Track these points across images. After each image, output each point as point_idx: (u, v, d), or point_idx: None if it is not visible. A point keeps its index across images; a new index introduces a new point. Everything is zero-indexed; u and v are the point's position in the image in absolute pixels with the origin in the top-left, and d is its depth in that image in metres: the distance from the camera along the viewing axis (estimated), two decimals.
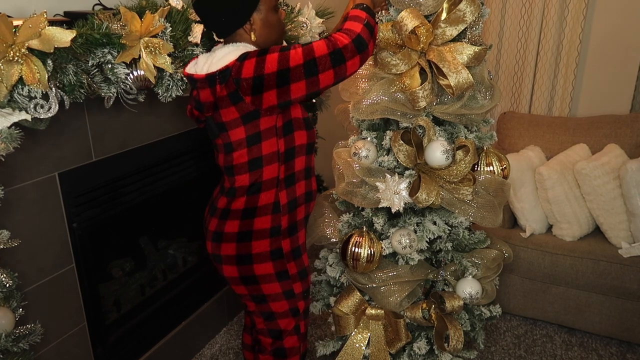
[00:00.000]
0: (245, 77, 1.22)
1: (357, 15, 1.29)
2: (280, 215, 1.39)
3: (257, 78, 1.21)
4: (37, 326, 1.34)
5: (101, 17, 1.31)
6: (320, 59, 1.21)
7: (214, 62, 1.28)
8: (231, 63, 1.24)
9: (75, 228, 1.60)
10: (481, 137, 1.65)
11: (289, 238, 1.45)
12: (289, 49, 1.24)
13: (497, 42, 2.87)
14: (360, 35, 1.25)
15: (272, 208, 1.38)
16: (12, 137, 1.16)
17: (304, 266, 1.51)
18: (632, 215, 2.20)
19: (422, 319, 1.70)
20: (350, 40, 1.23)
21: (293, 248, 1.46)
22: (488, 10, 1.55)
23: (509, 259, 1.81)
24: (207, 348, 2.27)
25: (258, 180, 1.36)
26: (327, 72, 1.23)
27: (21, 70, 1.12)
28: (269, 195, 1.37)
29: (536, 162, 2.42)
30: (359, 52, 1.24)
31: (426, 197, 1.50)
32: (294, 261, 1.47)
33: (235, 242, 1.39)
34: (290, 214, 1.43)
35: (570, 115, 2.79)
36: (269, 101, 1.25)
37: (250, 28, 1.33)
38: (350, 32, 1.25)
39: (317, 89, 1.26)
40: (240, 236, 1.38)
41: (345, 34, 1.25)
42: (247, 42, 1.35)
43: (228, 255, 1.41)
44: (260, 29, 1.34)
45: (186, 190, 2.15)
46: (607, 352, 2.21)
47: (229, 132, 1.32)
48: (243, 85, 1.23)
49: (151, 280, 2.16)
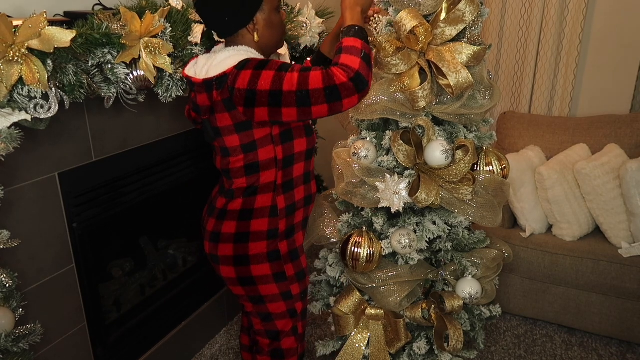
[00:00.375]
0: (239, 88, 1.20)
1: (352, 47, 1.22)
2: (277, 219, 1.39)
3: (250, 91, 1.19)
4: (37, 326, 1.34)
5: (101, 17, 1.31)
6: (314, 92, 1.17)
7: (213, 65, 1.27)
8: (229, 69, 1.22)
9: (75, 228, 1.60)
10: (481, 137, 1.65)
11: (287, 240, 1.44)
12: (287, 69, 1.20)
13: (497, 42, 2.87)
14: (360, 73, 1.18)
15: (270, 211, 1.37)
16: (12, 137, 1.16)
17: (301, 267, 1.51)
18: (632, 215, 2.19)
19: (422, 319, 1.70)
20: (348, 78, 1.17)
21: (291, 250, 1.46)
22: (487, 10, 1.55)
23: (509, 259, 1.81)
24: (207, 348, 2.28)
25: (255, 183, 1.35)
26: (321, 106, 1.19)
27: (21, 70, 1.13)
28: (266, 199, 1.37)
29: (536, 162, 2.42)
30: (358, 91, 1.19)
31: (426, 197, 1.50)
32: (291, 263, 1.46)
33: (233, 242, 1.39)
34: (288, 218, 1.42)
35: (570, 115, 2.79)
36: (260, 116, 1.23)
37: (254, 28, 1.31)
38: (349, 69, 1.18)
39: (310, 118, 1.24)
40: (237, 237, 1.38)
41: (344, 70, 1.18)
42: (249, 44, 1.33)
43: (225, 255, 1.40)
44: (263, 29, 1.32)
45: (186, 190, 2.15)
46: (607, 352, 2.21)
47: (224, 138, 1.32)
48: (236, 94, 1.21)
49: (151, 280, 2.16)
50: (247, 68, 1.20)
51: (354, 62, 1.19)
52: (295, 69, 1.20)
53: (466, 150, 1.53)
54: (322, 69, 1.19)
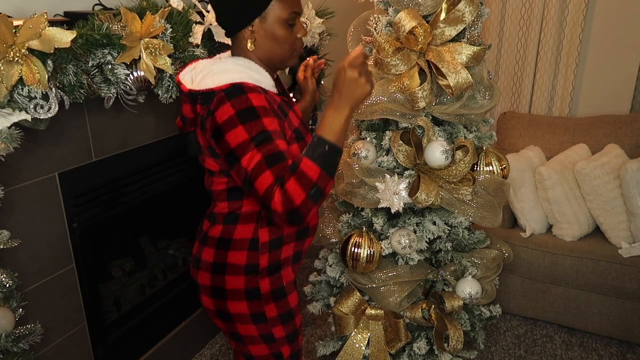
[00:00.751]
0: (216, 118, 1.08)
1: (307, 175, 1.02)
2: (257, 253, 1.22)
3: (219, 131, 1.08)
4: (37, 326, 1.34)
5: (101, 18, 1.32)
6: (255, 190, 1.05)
7: (208, 75, 1.14)
8: (218, 87, 1.09)
9: (75, 228, 1.60)
10: (480, 137, 1.65)
11: (269, 277, 1.25)
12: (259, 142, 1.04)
13: (497, 42, 2.87)
14: (298, 211, 1.02)
15: (249, 244, 1.22)
16: (12, 137, 1.17)
17: (288, 307, 1.30)
18: (632, 215, 2.19)
19: (422, 319, 1.70)
20: (284, 210, 1.02)
21: (274, 289, 1.26)
22: (487, 10, 1.55)
23: (509, 259, 1.81)
24: (207, 348, 2.28)
25: (237, 210, 1.22)
26: (254, 199, 1.12)
27: (21, 70, 1.13)
28: (247, 230, 1.22)
29: (536, 162, 2.42)
30: (289, 224, 1.05)
31: (426, 197, 1.51)
32: (274, 303, 1.27)
33: (210, 272, 1.25)
34: (272, 253, 1.24)
35: (570, 115, 2.79)
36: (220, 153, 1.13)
37: (250, 34, 1.16)
38: (290, 201, 1.01)
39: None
40: (214, 267, 1.24)
41: (284, 199, 1.01)
42: (248, 53, 1.19)
43: (204, 284, 1.27)
44: (262, 39, 1.17)
45: (186, 190, 2.15)
46: (607, 352, 2.21)
47: (205, 158, 1.21)
48: (211, 120, 1.09)
49: (151, 281, 2.16)
50: (233, 105, 1.06)
51: (299, 195, 1.00)
52: (264, 150, 1.04)
53: (466, 151, 1.53)
54: (275, 179, 1.02)
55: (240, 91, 1.08)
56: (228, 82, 1.09)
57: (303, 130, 1.23)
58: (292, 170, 1.02)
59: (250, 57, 1.19)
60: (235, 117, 1.06)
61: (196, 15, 1.59)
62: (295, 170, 1.02)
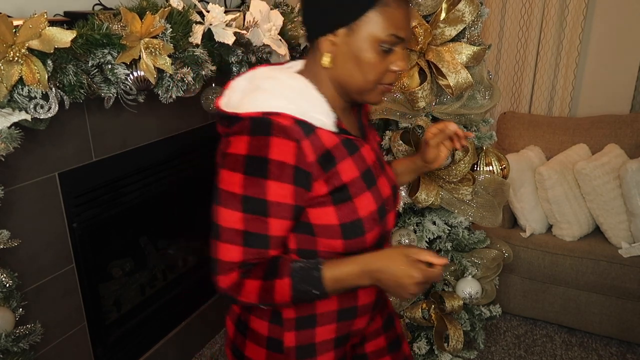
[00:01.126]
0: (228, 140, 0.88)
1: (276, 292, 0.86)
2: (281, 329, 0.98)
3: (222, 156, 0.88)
4: (37, 326, 1.34)
5: (101, 18, 1.31)
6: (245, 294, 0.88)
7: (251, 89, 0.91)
8: (246, 114, 0.85)
9: (75, 228, 1.60)
10: (481, 137, 1.66)
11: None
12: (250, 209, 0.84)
13: (497, 42, 2.87)
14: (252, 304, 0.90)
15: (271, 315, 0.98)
16: (12, 137, 1.16)
17: None
18: (632, 215, 2.20)
19: (422, 319, 1.70)
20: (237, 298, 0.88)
21: None
22: (487, 10, 1.55)
23: (508, 259, 1.81)
24: (207, 348, 2.28)
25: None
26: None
27: (21, 70, 1.13)
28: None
29: (536, 162, 2.42)
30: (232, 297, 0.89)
31: (426, 197, 1.51)
32: None
33: (234, 325, 1.05)
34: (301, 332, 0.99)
35: (570, 115, 2.79)
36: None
37: (330, 46, 0.89)
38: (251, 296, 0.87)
39: None
40: (238, 322, 1.04)
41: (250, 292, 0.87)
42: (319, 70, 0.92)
43: (228, 333, 1.08)
44: (342, 56, 0.89)
45: (186, 190, 2.15)
46: (607, 352, 2.21)
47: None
48: (224, 140, 0.90)
49: (151, 280, 2.16)
50: (249, 144, 0.84)
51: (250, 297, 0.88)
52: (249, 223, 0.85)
53: (466, 150, 1.54)
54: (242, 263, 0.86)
55: (265, 130, 0.83)
56: (260, 111, 0.85)
57: (376, 172, 0.99)
58: (265, 274, 0.86)
59: (320, 76, 0.93)
60: (242, 160, 0.84)
61: (196, 15, 1.59)
62: (268, 279, 0.85)
